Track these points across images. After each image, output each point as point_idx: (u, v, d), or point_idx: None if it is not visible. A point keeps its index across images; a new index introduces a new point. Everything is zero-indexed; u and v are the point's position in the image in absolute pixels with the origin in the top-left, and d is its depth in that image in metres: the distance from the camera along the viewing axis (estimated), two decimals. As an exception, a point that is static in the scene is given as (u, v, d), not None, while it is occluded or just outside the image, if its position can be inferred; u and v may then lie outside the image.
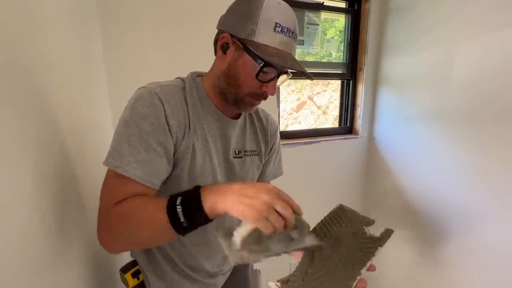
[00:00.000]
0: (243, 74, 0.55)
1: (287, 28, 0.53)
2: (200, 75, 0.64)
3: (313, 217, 0.75)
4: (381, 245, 0.51)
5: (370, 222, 0.57)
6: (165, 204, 0.45)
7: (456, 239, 1.24)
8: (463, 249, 1.21)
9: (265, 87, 0.56)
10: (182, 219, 0.44)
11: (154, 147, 0.51)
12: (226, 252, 0.44)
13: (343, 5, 1.54)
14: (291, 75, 0.60)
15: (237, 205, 0.42)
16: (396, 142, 1.51)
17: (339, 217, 0.58)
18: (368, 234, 0.54)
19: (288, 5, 0.55)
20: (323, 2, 1.47)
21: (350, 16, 1.54)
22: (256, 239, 0.43)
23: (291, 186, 1.51)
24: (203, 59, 0.77)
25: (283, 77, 0.60)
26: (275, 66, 0.53)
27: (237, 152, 0.67)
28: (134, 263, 0.68)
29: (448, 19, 1.19)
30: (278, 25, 0.52)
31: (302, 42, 1.47)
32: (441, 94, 1.25)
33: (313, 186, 1.57)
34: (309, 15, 1.45)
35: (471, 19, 1.11)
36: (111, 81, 1.06)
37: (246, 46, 0.52)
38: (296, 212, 0.44)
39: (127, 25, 1.06)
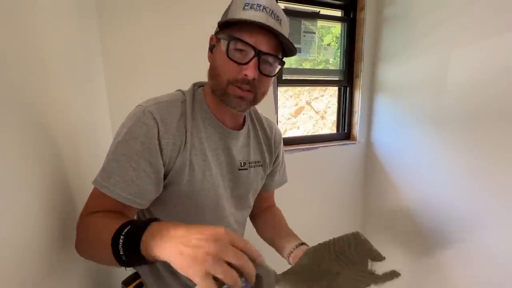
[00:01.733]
0: (219, 61, 0.54)
1: (258, 4, 0.51)
2: (202, 85, 0.64)
3: (312, 222, 0.76)
4: (376, 283, 0.47)
5: (378, 258, 0.51)
6: (115, 230, 0.41)
7: (456, 243, 1.24)
8: (463, 254, 1.22)
9: (244, 70, 0.52)
10: (121, 252, 0.39)
11: (144, 168, 0.51)
12: None
13: (338, 13, 1.57)
14: (283, 62, 0.56)
15: (175, 256, 0.34)
16: (394, 147, 1.53)
17: (350, 243, 0.53)
18: (369, 267, 0.50)
19: None
20: (319, 11, 1.49)
21: (345, 25, 1.56)
22: None
23: (290, 193, 1.53)
24: (205, 59, 0.77)
25: (276, 66, 0.55)
26: (244, 40, 0.50)
27: (242, 164, 0.66)
28: (136, 276, 0.69)
29: (441, 26, 1.22)
30: (247, 4, 0.51)
31: (299, 50, 1.49)
32: (436, 99, 1.27)
33: (312, 192, 1.58)
34: (306, 24, 1.48)
35: (464, 25, 1.13)
36: (109, 82, 1.05)
37: (219, 34, 0.54)
38: (255, 260, 0.36)
39: (127, 22, 1.04)
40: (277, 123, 1.44)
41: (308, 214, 1.58)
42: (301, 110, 2.77)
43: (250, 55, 0.52)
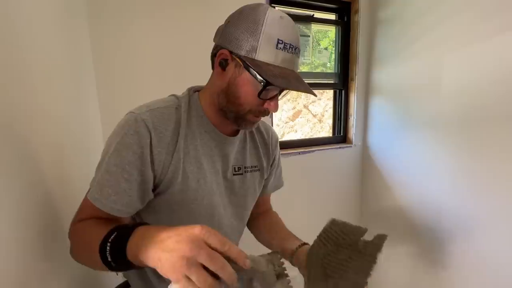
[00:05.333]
0: (244, 92, 0.53)
1: (290, 44, 0.51)
2: (197, 90, 0.62)
3: (308, 226, 0.75)
4: (379, 251, 0.53)
5: (363, 231, 0.57)
6: (102, 238, 0.41)
7: (452, 245, 1.23)
8: (462, 257, 1.21)
9: (267, 104, 0.55)
10: (109, 259, 0.39)
11: (136, 178, 0.50)
12: None
13: (333, 17, 1.57)
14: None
15: (156, 261, 0.34)
16: (390, 150, 1.52)
17: (334, 231, 0.59)
18: (363, 242, 0.55)
19: (290, 19, 0.53)
20: (313, 15, 1.49)
21: (340, 28, 1.56)
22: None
23: (286, 197, 1.52)
24: (198, 61, 0.74)
25: (284, 91, 0.58)
26: (279, 87, 0.52)
27: (236, 169, 0.65)
28: (126, 285, 0.67)
29: (435, 28, 1.22)
30: (281, 41, 0.50)
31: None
32: (431, 101, 1.27)
33: (308, 196, 1.57)
34: (300, 27, 1.48)
35: (458, 27, 1.13)
36: (100, 83, 1.03)
37: (247, 64, 0.50)
38: (237, 260, 0.35)
39: (118, 23, 1.03)
40: (273, 126, 1.43)
41: (305, 218, 1.56)
42: (299, 113, 2.77)
43: (275, 92, 0.54)
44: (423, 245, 1.37)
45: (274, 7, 0.54)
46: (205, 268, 0.32)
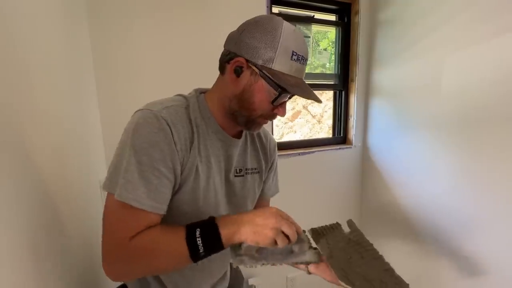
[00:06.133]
0: (258, 99, 0.56)
1: (302, 56, 0.55)
2: (202, 91, 0.64)
3: (307, 227, 0.76)
4: (363, 234, 0.64)
5: (339, 225, 0.66)
6: (184, 237, 0.48)
7: (452, 245, 1.23)
8: (462, 257, 1.21)
9: (276, 109, 0.58)
10: (201, 250, 0.48)
11: (166, 175, 0.51)
12: (230, 255, 0.52)
13: (333, 18, 1.57)
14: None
15: (251, 235, 0.48)
16: (389, 151, 1.52)
17: (321, 235, 0.65)
18: (350, 234, 0.64)
19: (300, 31, 0.57)
20: (313, 16, 1.49)
21: (340, 29, 1.56)
22: (259, 248, 0.52)
23: (287, 197, 1.52)
24: (200, 62, 0.73)
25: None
26: (293, 94, 0.55)
27: (238, 171, 0.66)
28: (123, 286, 0.67)
29: (436, 30, 1.22)
30: (295, 53, 0.54)
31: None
32: (431, 103, 1.27)
33: (308, 197, 1.57)
34: (300, 28, 1.48)
35: (458, 29, 1.13)
36: (100, 84, 1.02)
37: (264, 73, 0.53)
38: (297, 230, 0.52)
39: (118, 23, 1.02)
40: (272, 128, 1.43)
41: (304, 219, 1.56)
42: (298, 114, 2.77)
43: (286, 98, 0.58)
44: (423, 246, 1.37)
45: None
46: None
